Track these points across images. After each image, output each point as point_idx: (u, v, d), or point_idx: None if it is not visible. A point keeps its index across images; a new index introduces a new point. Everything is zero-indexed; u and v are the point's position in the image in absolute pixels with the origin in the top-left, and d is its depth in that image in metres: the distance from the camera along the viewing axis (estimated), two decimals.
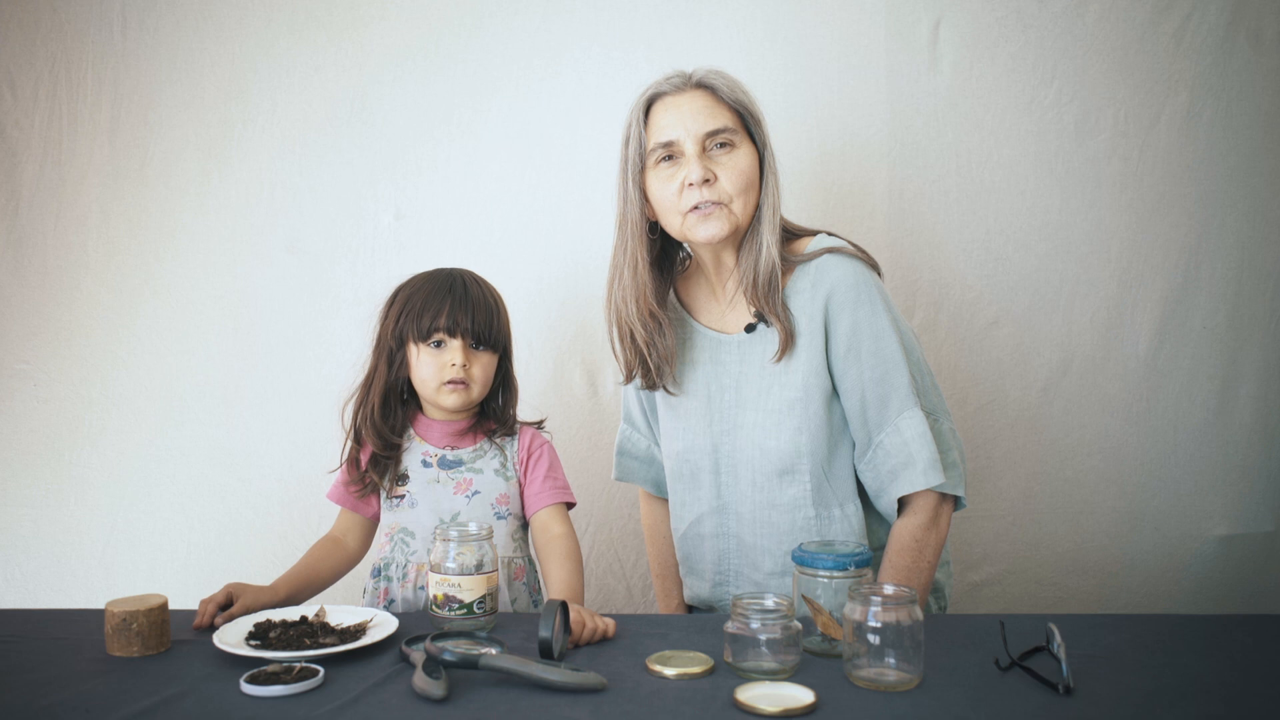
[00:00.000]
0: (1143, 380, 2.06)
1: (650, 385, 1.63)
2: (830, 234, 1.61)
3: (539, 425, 1.75)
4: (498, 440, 1.70)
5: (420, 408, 1.71)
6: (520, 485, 1.69)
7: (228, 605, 1.46)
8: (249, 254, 2.11)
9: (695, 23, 2.03)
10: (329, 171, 2.09)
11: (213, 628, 1.38)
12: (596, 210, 2.05)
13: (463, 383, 1.62)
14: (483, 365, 1.65)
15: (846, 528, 1.54)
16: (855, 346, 1.50)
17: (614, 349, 1.64)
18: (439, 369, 1.62)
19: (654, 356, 1.59)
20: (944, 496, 1.53)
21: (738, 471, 1.58)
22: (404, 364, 1.66)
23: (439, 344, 1.63)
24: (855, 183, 2.04)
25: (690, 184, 1.48)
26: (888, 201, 2.05)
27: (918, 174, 2.04)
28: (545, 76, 2.06)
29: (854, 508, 1.55)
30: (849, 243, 1.58)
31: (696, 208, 1.50)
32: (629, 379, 1.64)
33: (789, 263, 1.55)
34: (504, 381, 1.72)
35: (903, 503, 1.53)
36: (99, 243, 2.12)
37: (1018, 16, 2.02)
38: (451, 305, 1.62)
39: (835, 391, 1.53)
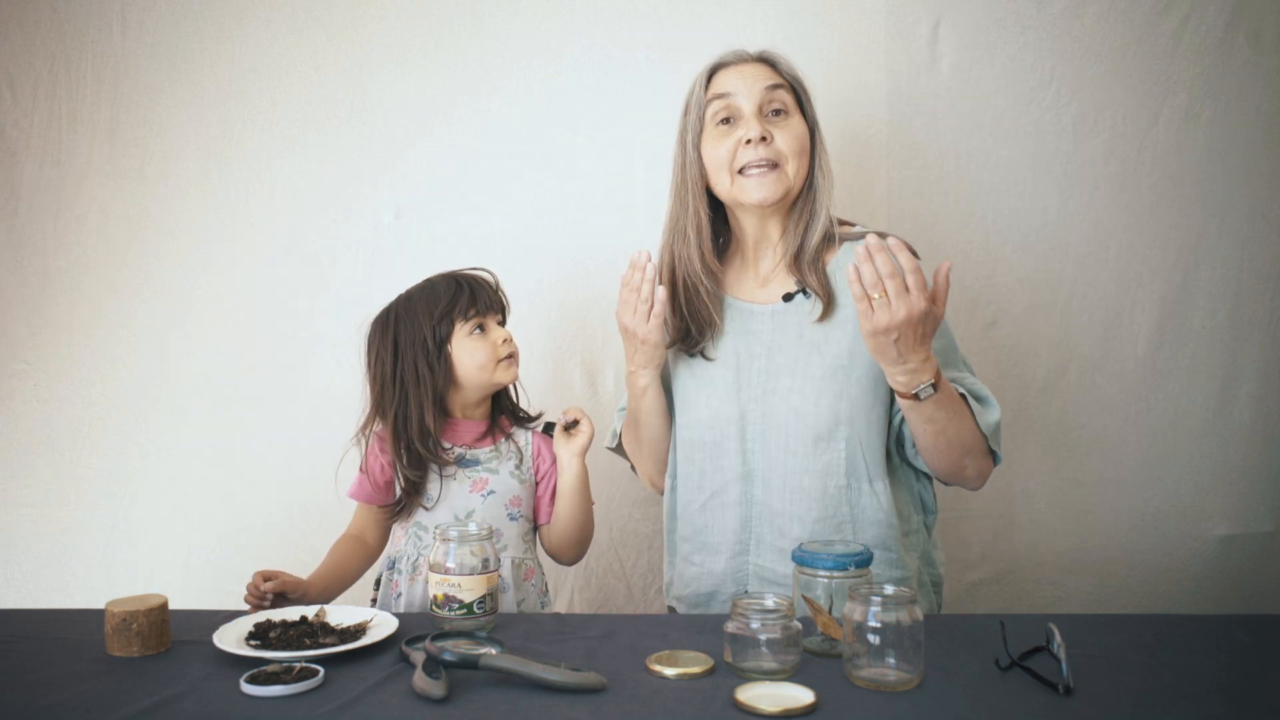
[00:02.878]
0: (1142, 380, 2.06)
1: (691, 346, 1.63)
2: (864, 226, 1.65)
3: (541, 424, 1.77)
4: (516, 441, 1.72)
5: (446, 411, 1.71)
6: (535, 488, 1.70)
7: (270, 580, 1.52)
8: (249, 254, 2.11)
9: (695, 23, 2.03)
10: (329, 171, 2.10)
11: (261, 604, 1.48)
12: (596, 210, 2.06)
13: (514, 355, 1.69)
14: (514, 340, 1.71)
15: (875, 504, 1.54)
16: None
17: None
18: (491, 349, 1.66)
19: (709, 311, 1.61)
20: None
21: (768, 437, 1.57)
22: (448, 364, 1.66)
23: (481, 328, 1.66)
24: (855, 183, 2.04)
25: (747, 141, 1.54)
26: (887, 202, 2.05)
27: (917, 174, 2.05)
28: (545, 76, 2.07)
29: (883, 485, 1.55)
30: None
31: (743, 171, 1.55)
32: (674, 341, 1.64)
33: (834, 239, 1.61)
34: None
35: None
36: (99, 243, 2.12)
37: (1017, 17, 2.02)
38: (478, 291, 1.68)
39: None
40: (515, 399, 1.78)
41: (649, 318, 1.54)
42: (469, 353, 1.65)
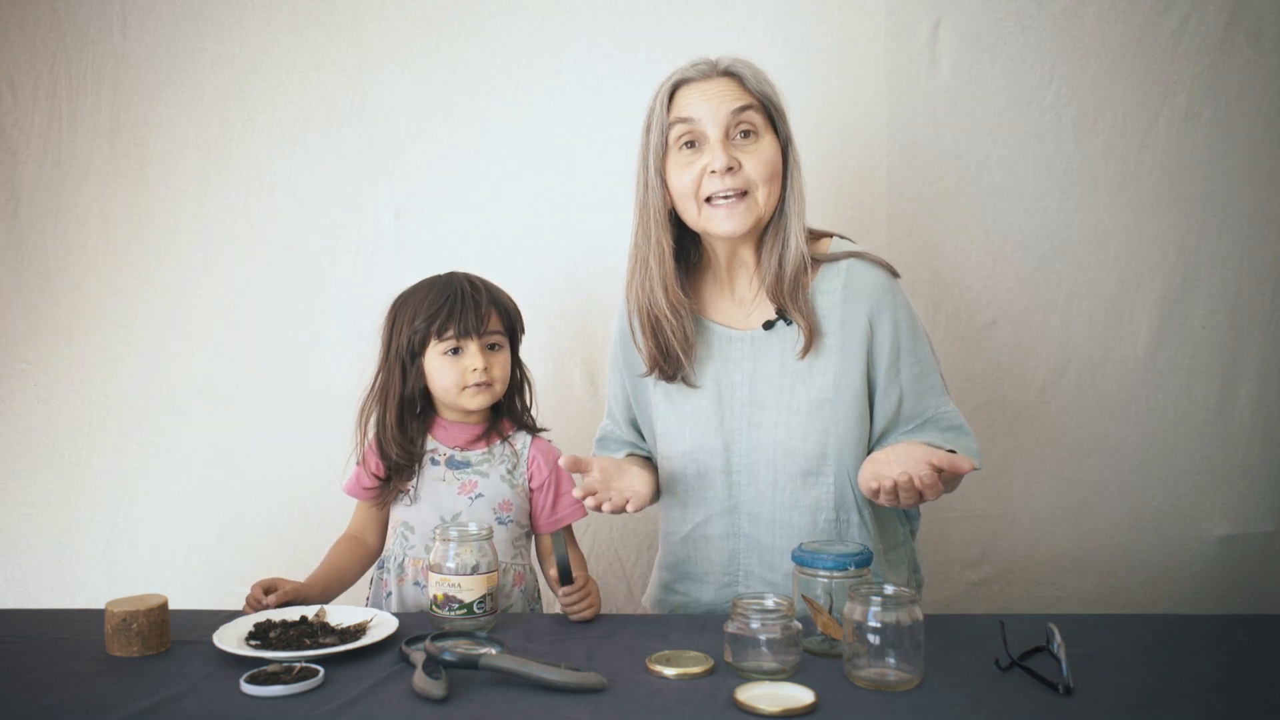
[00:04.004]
0: (1142, 381, 2.06)
1: (668, 376, 1.58)
2: (843, 237, 1.61)
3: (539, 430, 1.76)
4: (513, 443, 1.70)
5: (437, 411, 1.71)
6: (529, 494, 1.69)
7: (269, 593, 1.50)
8: (249, 254, 2.11)
9: (695, 23, 2.03)
10: (329, 171, 2.09)
11: (259, 609, 1.46)
12: (596, 210, 2.06)
13: (486, 384, 1.63)
14: (501, 364, 1.66)
15: (864, 533, 1.53)
16: (897, 348, 1.51)
17: (635, 341, 1.60)
18: (460, 375, 1.62)
19: (677, 345, 1.54)
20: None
21: (755, 471, 1.55)
22: (420, 374, 1.65)
23: (456, 350, 1.63)
24: (855, 183, 2.04)
25: (712, 171, 1.46)
26: (887, 202, 2.05)
27: (917, 174, 2.04)
28: (545, 76, 2.06)
29: (870, 512, 1.53)
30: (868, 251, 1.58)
31: (710, 200, 1.48)
32: (650, 371, 1.59)
33: (812, 261, 1.53)
34: (525, 375, 1.75)
35: None
36: (99, 243, 2.12)
37: (1016, 17, 2.02)
38: (463, 310, 1.62)
39: (869, 393, 1.51)
40: (524, 404, 1.75)
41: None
42: (438, 371, 1.64)
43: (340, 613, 1.42)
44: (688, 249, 1.61)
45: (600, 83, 2.05)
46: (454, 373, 1.62)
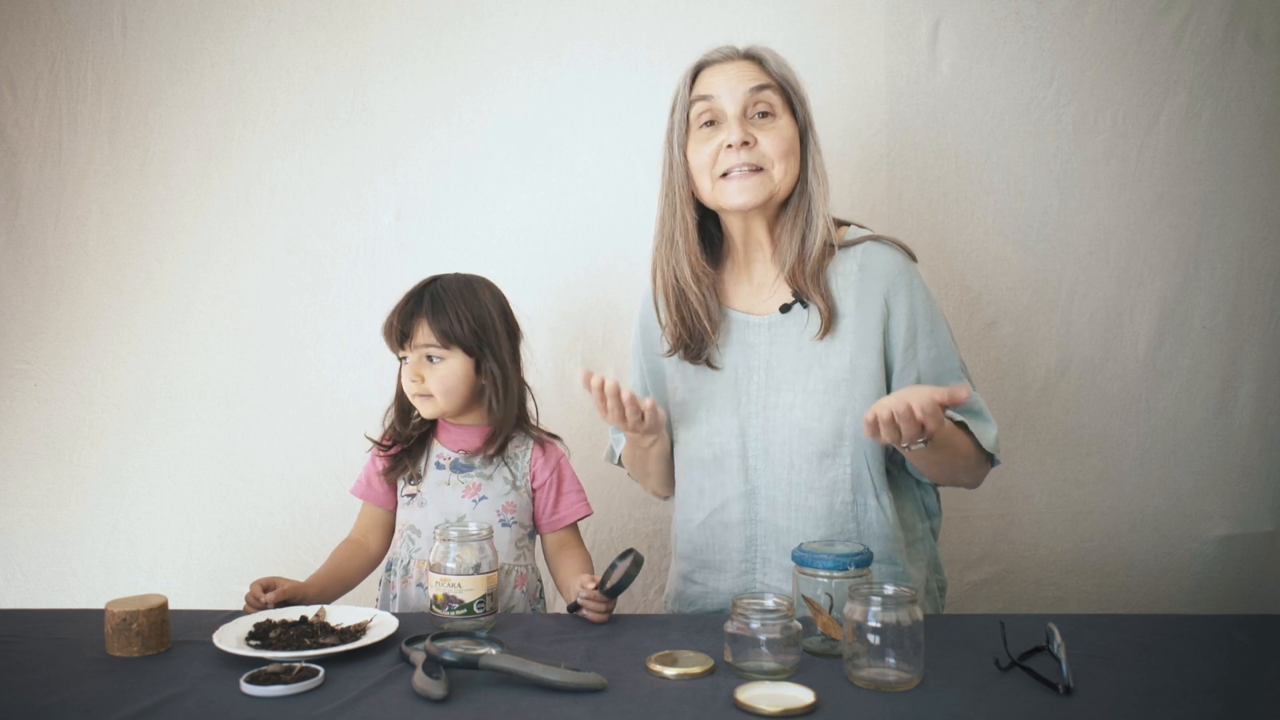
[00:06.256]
0: (1142, 380, 2.06)
1: (693, 356, 1.58)
2: (860, 226, 1.61)
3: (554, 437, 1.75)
4: (511, 450, 1.69)
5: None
6: (530, 495, 1.69)
7: (268, 590, 1.51)
8: (249, 254, 2.11)
9: (695, 23, 2.03)
10: (329, 171, 2.10)
11: (261, 608, 1.46)
12: (597, 210, 2.06)
13: (426, 395, 1.63)
14: (440, 376, 1.61)
15: (881, 518, 1.52)
16: (913, 329, 1.51)
17: (659, 319, 1.60)
18: (408, 383, 1.65)
19: (703, 317, 1.56)
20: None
21: (771, 454, 1.54)
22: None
23: (405, 358, 1.65)
24: (855, 183, 2.04)
25: (729, 146, 1.48)
26: (887, 202, 2.05)
27: (917, 174, 2.05)
28: (545, 77, 2.07)
29: (888, 498, 1.53)
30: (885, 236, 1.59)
31: (727, 175, 1.50)
32: (674, 349, 1.60)
33: (833, 247, 1.55)
34: (500, 384, 1.65)
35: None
36: (99, 243, 2.12)
37: (1017, 17, 2.02)
38: (402, 318, 1.62)
39: (886, 374, 1.52)
40: (524, 412, 1.73)
41: (644, 420, 1.47)
42: (402, 377, 1.67)
43: (340, 613, 1.42)
44: (711, 234, 1.62)
45: (600, 83, 2.05)
46: (405, 380, 1.65)
